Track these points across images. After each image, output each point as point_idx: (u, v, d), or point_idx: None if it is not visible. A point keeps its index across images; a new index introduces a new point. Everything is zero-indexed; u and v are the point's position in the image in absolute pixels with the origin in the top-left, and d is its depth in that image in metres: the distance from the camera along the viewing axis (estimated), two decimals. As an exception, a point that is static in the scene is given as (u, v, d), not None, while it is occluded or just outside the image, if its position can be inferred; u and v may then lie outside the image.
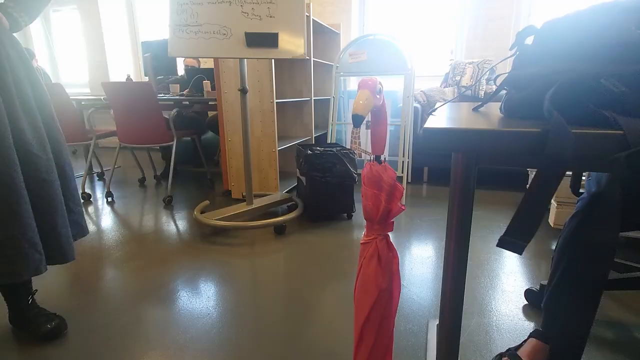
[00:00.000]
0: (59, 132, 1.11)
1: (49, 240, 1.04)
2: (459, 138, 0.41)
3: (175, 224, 2.12)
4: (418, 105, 2.95)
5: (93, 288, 1.45)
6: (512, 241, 0.40)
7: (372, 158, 0.70)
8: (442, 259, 1.64)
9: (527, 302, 1.32)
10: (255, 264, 1.64)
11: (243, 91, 1.93)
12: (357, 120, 0.58)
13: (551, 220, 1.81)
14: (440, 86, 3.25)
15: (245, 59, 1.94)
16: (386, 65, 2.40)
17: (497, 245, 0.41)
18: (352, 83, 3.73)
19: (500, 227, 1.99)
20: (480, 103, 0.68)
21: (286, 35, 1.79)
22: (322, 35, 3.29)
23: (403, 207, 0.64)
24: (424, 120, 3.07)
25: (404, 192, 2.37)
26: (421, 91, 3.17)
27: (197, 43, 1.79)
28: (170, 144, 2.49)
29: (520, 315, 1.25)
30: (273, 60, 2.23)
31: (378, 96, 0.66)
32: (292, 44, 1.79)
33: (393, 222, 0.66)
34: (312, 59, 2.77)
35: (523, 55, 0.48)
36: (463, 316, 1.20)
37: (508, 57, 0.61)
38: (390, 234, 0.71)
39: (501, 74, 0.55)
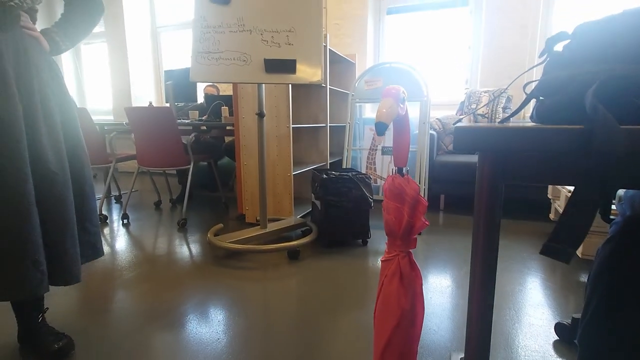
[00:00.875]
0: (83, 152, 1.12)
1: (56, 260, 1.01)
2: (491, 136, 0.39)
3: (188, 247, 2.11)
4: (434, 133, 2.94)
5: (103, 309, 1.42)
6: (557, 247, 0.36)
7: (394, 170, 0.68)
8: (462, 289, 1.56)
9: (557, 337, 1.22)
10: (268, 289, 1.59)
11: (260, 115, 1.96)
12: (380, 128, 0.57)
13: (578, 250, 1.72)
14: (456, 114, 3.25)
15: (264, 84, 1.98)
16: (402, 92, 2.43)
17: (541, 253, 0.37)
18: (368, 110, 3.77)
19: (523, 258, 1.90)
20: (506, 117, 0.65)
21: (304, 62, 1.83)
22: (338, 65, 3.37)
23: (427, 223, 0.61)
24: (440, 148, 3.05)
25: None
26: (437, 119, 3.17)
27: (218, 69, 1.84)
28: (187, 167, 2.52)
29: (551, 351, 1.15)
30: (290, 86, 2.27)
31: (402, 105, 0.65)
32: (309, 71, 1.83)
33: (416, 238, 0.62)
34: (328, 86, 2.82)
35: (554, 61, 0.46)
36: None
37: (524, 73, 0.59)
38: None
39: (531, 82, 0.53)
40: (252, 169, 2.46)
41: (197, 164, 2.70)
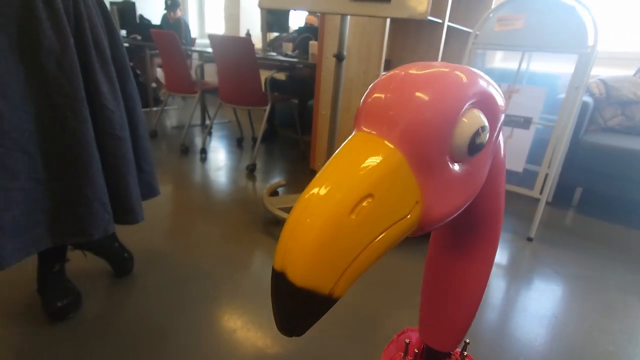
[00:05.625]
0: (133, 87, 1.03)
1: (119, 200, 0.98)
2: None
3: (246, 198, 1.94)
4: (589, 100, 2.09)
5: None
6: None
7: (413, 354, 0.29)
8: (593, 354, 1.01)
9: None
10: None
11: (338, 58, 1.53)
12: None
13: None
14: (635, 75, 2.26)
15: (348, 16, 1.51)
16: (551, 38, 1.66)
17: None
18: (497, 59, 2.93)
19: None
20: None
21: (407, -15, 1.30)
22: (469, -7, 2.58)
23: None
24: (593, 122, 2.19)
25: (538, 218, 1.70)
26: (599, 80, 2.25)
27: (293, -9, 1.44)
28: (264, 108, 2.28)
29: None
30: (388, 20, 1.74)
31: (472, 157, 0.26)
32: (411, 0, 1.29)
33: None
34: (447, 22, 2.15)
35: None
36: None
37: None
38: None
39: None
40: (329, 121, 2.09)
41: (277, 104, 2.45)
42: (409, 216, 0.26)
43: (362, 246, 0.24)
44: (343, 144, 0.28)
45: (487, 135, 0.27)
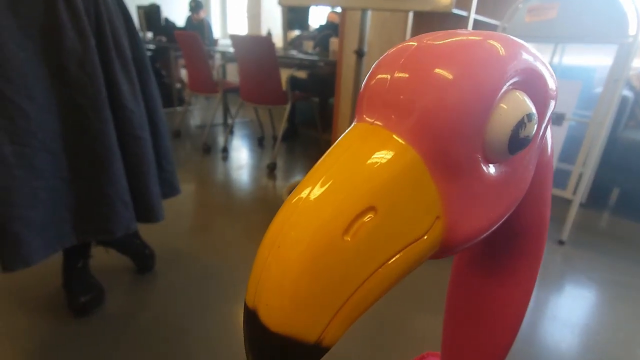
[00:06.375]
0: (154, 87, 1.04)
1: (140, 199, 0.99)
2: None
3: (267, 197, 1.94)
4: (629, 94, 1.96)
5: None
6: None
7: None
8: None
9: None
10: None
11: (359, 54, 1.50)
12: None
13: None
14: (680, 67, 2.09)
15: (369, 11, 1.48)
16: (588, 28, 1.56)
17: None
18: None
19: None
20: None
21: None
22: (497, -16, 2.46)
23: None
24: (633, 117, 2.05)
25: (570, 220, 1.60)
26: (640, 72, 2.10)
27: (312, -13, 1.42)
28: (284, 106, 2.28)
29: None
30: (411, 14, 1.69)
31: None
32: (435, -10, 1.24)
33: None
34: (473, 15, 2.06)
35: None
36: None
37: None
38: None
39: None
40: (349, 119, 2.06)
41: (309, 100, 2.45)
42: (426, 237, 0.19)
43: (361, 278, 0.18)
44: (339, 138, 0.21)
45: (535, 126, 0.20)
